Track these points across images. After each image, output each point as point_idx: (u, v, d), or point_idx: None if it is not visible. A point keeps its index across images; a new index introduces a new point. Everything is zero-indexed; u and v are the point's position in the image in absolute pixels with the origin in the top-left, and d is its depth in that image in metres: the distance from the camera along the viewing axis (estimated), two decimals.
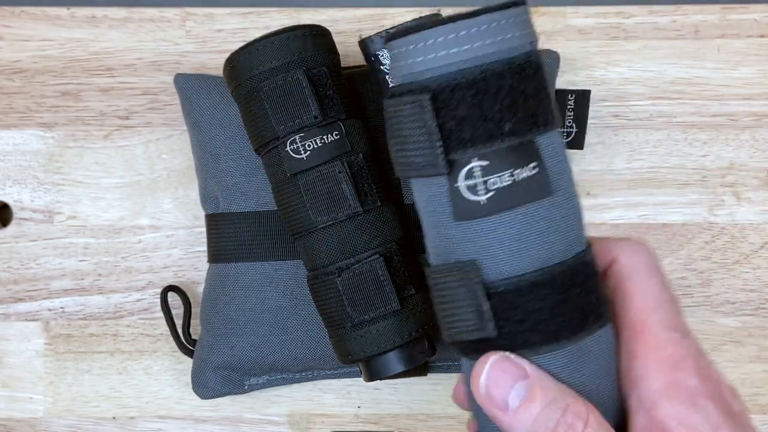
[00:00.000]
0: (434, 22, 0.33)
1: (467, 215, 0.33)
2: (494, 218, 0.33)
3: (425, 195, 0.34)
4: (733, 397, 0.35)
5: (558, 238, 0.34)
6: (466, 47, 0.32)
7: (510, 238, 0.33)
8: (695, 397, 0.33)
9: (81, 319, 0.58)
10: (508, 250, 0.33)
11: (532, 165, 0.33)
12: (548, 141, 0.34)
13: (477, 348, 0.34)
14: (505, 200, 0.33)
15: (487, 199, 0.33)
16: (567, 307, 0.34)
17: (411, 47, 0.33)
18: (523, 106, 0.33)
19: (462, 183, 0.33)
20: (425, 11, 0.54)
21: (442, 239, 0.34)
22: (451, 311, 0.34)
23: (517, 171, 0.33)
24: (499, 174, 0.33)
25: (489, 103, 0.32)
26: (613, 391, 0.35)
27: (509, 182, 0.33)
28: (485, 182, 0.33)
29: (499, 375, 0.33)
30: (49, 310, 0.58)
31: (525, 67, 0.33)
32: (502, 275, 0.33)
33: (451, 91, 0.32)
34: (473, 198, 0.33)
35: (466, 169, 0.33)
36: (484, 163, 0.33)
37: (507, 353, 0.33)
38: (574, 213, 0.35)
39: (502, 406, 0.33)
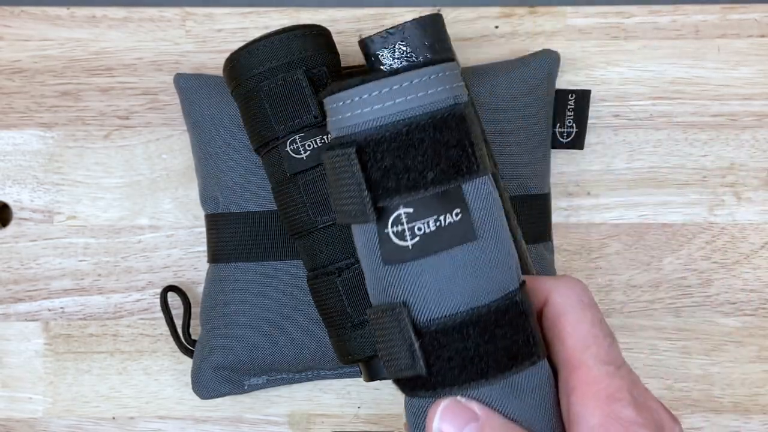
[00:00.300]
0: (362, 79, 0.35)
1: (395, 259, 0.35)
2: (421, 262, 0.35)
3: (361, 240, 0.36)
4: (672, 422, 0.36)
5: (485, 280, 0.36)
6: (388, 103, 0.35)
7: (436, 280, 0.35)
8: (631, 428, 0.34)
9: (81, 319, 0.58)
10: (435, 292, 0.35)
11: (456, 211, 0.35)
12: (474, 188, 0.35)
13: (413, 386, 0.36)
14: (430, 245, 0.35)
15: (413, 244, 0.35)
16: (494, 346, 0.35)
17: (341, 104, 0.35)
18: (445, 156, 0.35)
19: (390, 229, 0.35)
20: (425, 11, 0.54)
21: (377, 282, 0.36)
22: (387, 350, 0.36)
23: (442, 217, 0.35)
24: (424, 220, 0.35)
25: (412, 154, 0.35)
26: (548, 428, 0.36)
27: (434, 228, 0.35)
28: (411, 228, 0.35)
29: (450, 419, 0.34)
30: (49, 310, 0.58)
31: (448, 120, 0.35)
32: (431, 315, 0.35)
33: (376, 144, 0.35)
34: (401, 243, 0.35)
35: (393, 216, 0.35)
36: (410, 210, 0.35)
37: (457, 397, 0.35)
38: (503, 256, 0.36)
39: None
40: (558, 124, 0.57)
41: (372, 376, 0.50)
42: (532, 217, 0.55)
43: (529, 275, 0.40)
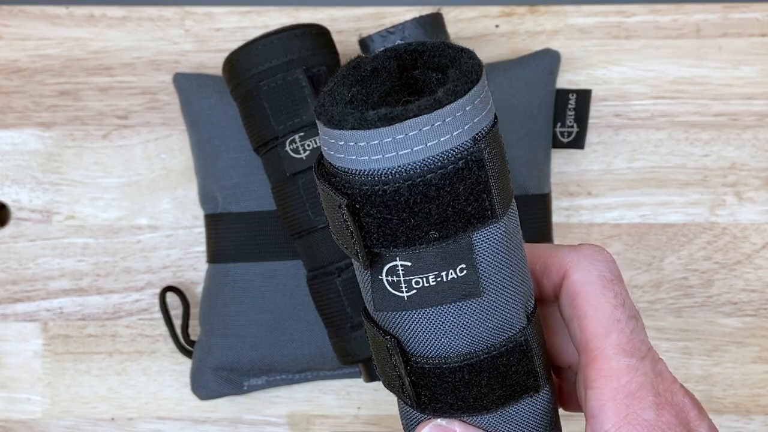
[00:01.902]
0: (359, 122, 0.29)
1: (388, 307, 0.31)
2: (417, 311, 0.31)
3: (356, 270, 0.33)
4: (700, 418, 0.33)
5: (486, 329, 0.32)
6: (389, 155, 0.29)
7: (433, 329, 0.31)
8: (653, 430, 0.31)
9: (79, 319, 0.58)
10: (432, 340, 0.32)
11: (460, 267, 0.30)
12: (485, 237, 0.31)
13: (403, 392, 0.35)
14: (428, 299, 0.31)
15: (410, 296, 0.31)
16: (490, 388, 0.32)
17: (332, 141, 0.29)
18: (453, 210, 0.30)
19: (384, 277, 0.31)
20: (425, 10, 0.53)
21: (370, 311, 0.33)
22: (378, 362, 0.34)
23: (444, 273, 0.30)
24: (423, 275, 0.31)
25: (414, 212, 0.29)
26: None
27: (434, 283, 0.31)
28: (408, 281, 0.31)
29: None
30: (48, 310, 0.58)
31: (461, 171, 0.29)
32: (424, 355, 0.32)
33: (370, 199, 0.29)
34: (396, 293, 0.31)
35: (388, 265, 0.31)
36: (408, 263, 0.30)
37: (438, 421, 0.33)
38: (510, 305, 0.32)
39: None
40: (559, 124, 0.57)
41: (372, 376, 0.50)
42: (532, 217, 0.55)
43: (547, 245, 0.36)
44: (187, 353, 0.56)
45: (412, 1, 0.58)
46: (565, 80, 0.58)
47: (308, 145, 0.49)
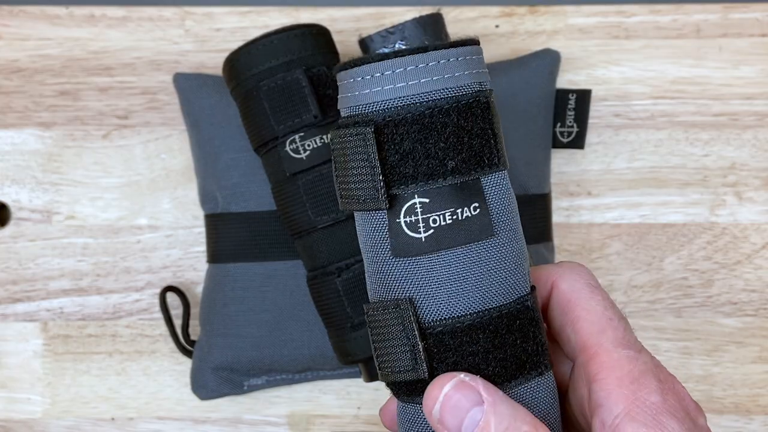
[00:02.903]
0: (383, 55, 0.32)
1: (406, 252, 0.33)
2: (433, 256, 0.33)
3: (366, 229, 0.34)
4: (697, 412, 0.34)
5: (498, 281, 0.33)
6: (412, 82, 0.32)
7: (448, 278, 0.33)
8: (658, 416, 0.32)
9: (79, 319, 0.58)
10: (446, 290, 0.33)
11: (474, 205, 0.33)
12: (493, 182, 0.33)
13: (410, 390, 0.34)
14: (445, 239, 0.32)
15: (427, 236, 0.32)
16: (503, 352, 0.33)
17: (358, 79, 0.33)
18: (468, 145, 0.32)
19: (402, 219, 0.32)
20: (425, 10, 0.53)
21: (381, 275, 0.34)
22: (385, 350, 0.34)
23: (459, 210, 0.32)
24: (440, 212, 0.32)
25: (433, 140, 0.32)
26: None
27: (450, 221, 0.32)
28: (426, 220, 0.32)
29: (454, 401, 0.32)
30: (48, 310, 0.58)
31: (472, 106, 0.33)
32: (439, 316, 0.33)
33: (395, 125, 0.32)
34: (413, 235, 0.33)
35: (407, 205, 0.32)
36: (426, 200, 0.32)
37: (462, 375, 0.32)
38: (517, 256, 0.34)
39: None
40: (559, 124, 0.57)
41: (372, 376, 0.50)
42: (532, 217, 0.55)
43: (532, 267, 0.38)
44: (188, 353, 0.56)
45: (412, 1, 0.58)
46: (565, 80, 0.58)
47: (308, 145, 0.49)
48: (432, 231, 0.32)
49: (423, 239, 0.32)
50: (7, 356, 0.58)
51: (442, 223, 0.32)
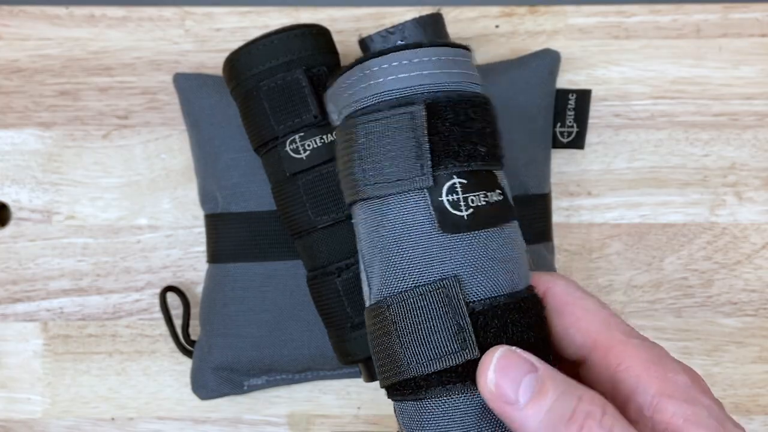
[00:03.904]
0: (408, 45, 0.36)
1: (452, 228, 0.34)
2: (474, 234, 0.34)
3: (397, 213, 0.35)
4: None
5: (521, 264, 0.35)
6: (446, 71, 0.35)
7: (487, 256, 0.34)
8: (690, 393, 0.33)
9: (79, 319, 0.58)
10: (485, 268, 0.34)
11: (498, 191, 0.35)
12: (503, 176, 0.36)
13: (417, 387, 0.34)
14: (483, 218, 0.34)
15: (468, 215, 0.34)
16: (528, 335, 0.34)
17: (395, 64, 0.35)
18: (490, 137, 0.35)
19: (445, 197, 0.34)
20: (425, 10, 0.53)
21: (422, 254, 0.34)
22: (421, 334, 0.34)
23: (490, 193, 0.35)
24: (476, 193, 0.34)
25: (469, 124, 0.34)
26: None
27: (484, 202, 0.34)
28: (465, 199, 0.34)
29: (509, 368, 0.32)
30: (48, 310, 0.58)
31: (488, 103, 0.36)
32: (481, 295, 0.34)
33: (442, 107, 0.34)
34: (456, 213, 0.34)
35: (448, 184, 0.34)
36: (464, 180, 0.34)
37: (512, 348, 0.33)
38: (524, 245, 0.36)
39: (512, 401, 0.32)
40: (559, 124, 0.57)
41: (372, 376, 0.50)
42: (532, 217, 0.55)
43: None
44: (188, 353, 0.56)
45: (412, 1, 0.58)
46: (565, 80, 0.58)
47: (308, 145, 0.49)
48: (472, 210, 0.34)
49: (465, 217, 0.34)
50: (7, 356, 0.58)
51: (479, 204, 0.34)
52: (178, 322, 0.57)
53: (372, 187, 0.35)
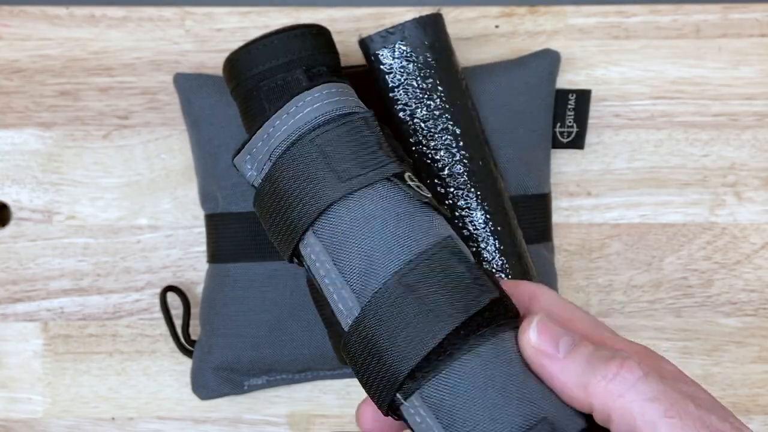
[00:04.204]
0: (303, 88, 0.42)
1: (427, 207, 0.38)
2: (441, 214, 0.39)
3: (379, 198, 0.37)
4: None
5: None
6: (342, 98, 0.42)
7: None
8: (681, 376, 0.35)
9: (80, 319, 0.58)
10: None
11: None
12: None
13: (469, 331, 0.35)
14: (436, 202, 0.39)
15: (430, 197, 0.39)
16: None
17: (301, 103, 0.42)
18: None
19: (411, 183, 0.38)
20: (425, 10, 0.53)
21: (412, 230, 0.37)
22: (444, 293, 0.35)
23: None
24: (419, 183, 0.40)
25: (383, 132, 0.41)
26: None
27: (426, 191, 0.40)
28: (419, 186, 0.39)
29: (547, 330, 0.34)
30: (48, 310, 0.58)
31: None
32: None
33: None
34: (425, 194, 0.38)
35: (407, 173, 0.39)
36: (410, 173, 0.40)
37: (546, 318, 0.35)
38: None
39: (551, 354, 0.34)
40: (558, 124, 0.57)
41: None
42: (532, 217, 0.55)
43: (509, 281, 0.41)
44: (188, 353, 0.56)
45: (412, 1, 0.58)
46: (565, 80, 0.58)
47: None
48: (429, 194, 0.39)
49: (430, 199, 0.38)
50: (7, 356, 0.58)
51: (426, 191, 0.39)
52: (178, 322, 0.57)
53: (347, 184, 0.37)
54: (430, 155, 0.51)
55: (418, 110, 0.51)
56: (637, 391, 0.32)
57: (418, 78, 0.51)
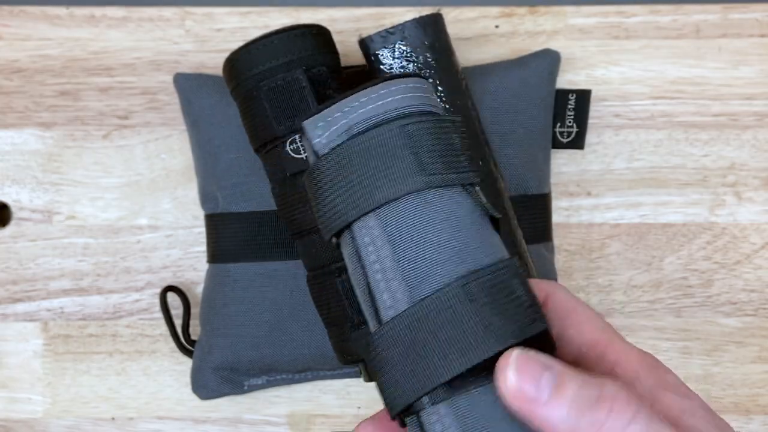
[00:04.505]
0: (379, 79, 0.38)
1: (493, 223, 0.37)
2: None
3: (459, 207, 0.36)
4: None
5: None
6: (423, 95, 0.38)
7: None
8: (682, 389, 0.34)
9: (80, 319, 0.58)
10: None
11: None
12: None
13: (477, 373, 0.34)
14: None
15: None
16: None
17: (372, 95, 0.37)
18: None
19: (481, 196, 0.37)
20: (425, 10, 0.53)
21: (474, 243, 0.35)
22: (493, 317, 0.33)
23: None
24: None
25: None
26: None
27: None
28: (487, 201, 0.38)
29: (527, 367, 0.32)
30: (48, 310, 0.58)
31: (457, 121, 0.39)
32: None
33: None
34: (494, 211, 0.37)
35: (477, 187, 0.37)
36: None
37: (526, 348, 0.33)
38: None
39: (534, 398, 0.32)
40: (558, 124, 0.57)
41: (372, 376, 0.50)
42: (532, 217, 0.55)
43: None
44: (188, 353, 0.56)
45: (412, 1, 0.58)
46: (565, 80, 0.58)
47: None
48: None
49: (500, 216, 0.37)
50: (7, 356, 0.58)
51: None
52: (178, 322, 0.57)
53: (430, 178, 0.35)
54: None
55: None
56: None
57: None
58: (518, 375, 0.32)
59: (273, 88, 0.49)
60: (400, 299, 0.35)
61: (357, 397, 0.58)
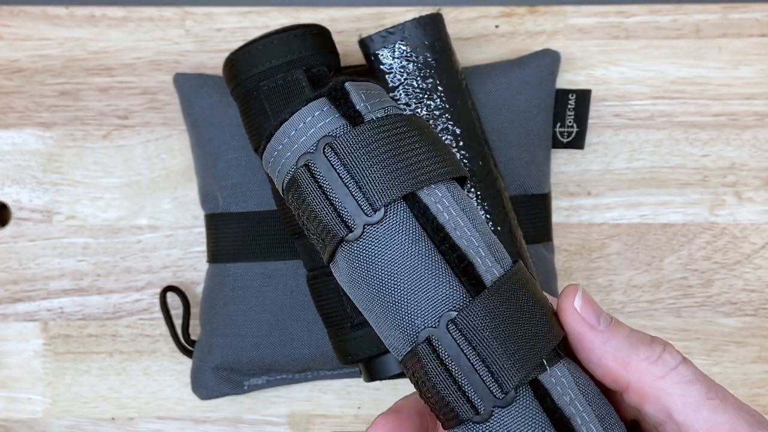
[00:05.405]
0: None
1: None
2: None
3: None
4: None
5: None
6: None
7: None
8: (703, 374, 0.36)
9: (80, 319, 0.58)
10: None
11: None
12: None
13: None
14: None
15: None
16: None
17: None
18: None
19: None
20: (425, 10, 0.53)
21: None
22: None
23: None
24: None
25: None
26: None
27: None
28: None
29: (588, 301, 0.34)
30: (48, 310, 0.58)
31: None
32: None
33: None
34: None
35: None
36: None
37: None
38: None
39: (594, 324, 0.33)
40: (558, 124, 0.57)
41: (372, 376, 0.50)
42: (532, 217, 0.55)
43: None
44: (188, 353, 0.56)
45: (412, 1, 0.58)
46: (565, 80, 0.58)
47: None
48: None
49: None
50: (7, 356, 0.58)
51: None
52: (178, 322, 0.57)
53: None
54: None
55: (418, 110, 0.51)
56: (678, 373, 0.33)
57: (418, 78, 0.51)
58: (583, 302, 0.34)
59: (273, 88, 0.49)
60: (491, 266, 0.34)
61: (357, 397, 0.58)
